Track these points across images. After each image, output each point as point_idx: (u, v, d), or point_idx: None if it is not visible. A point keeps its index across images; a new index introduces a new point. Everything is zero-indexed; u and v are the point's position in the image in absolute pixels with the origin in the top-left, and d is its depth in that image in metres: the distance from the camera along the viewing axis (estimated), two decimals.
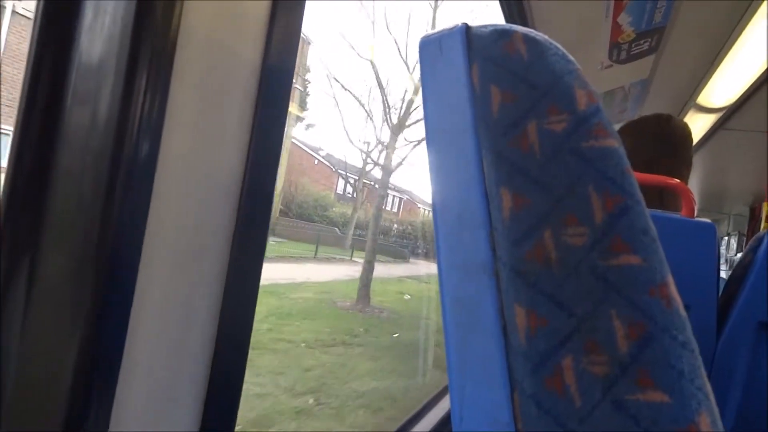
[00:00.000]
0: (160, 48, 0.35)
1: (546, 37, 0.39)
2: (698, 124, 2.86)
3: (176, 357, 0.38)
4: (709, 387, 0.32)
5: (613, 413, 0.31)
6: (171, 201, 0.37)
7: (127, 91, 0.33)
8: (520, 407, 0.33)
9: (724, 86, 2.32)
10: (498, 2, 1.41)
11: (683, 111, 2.75)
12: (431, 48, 0.42)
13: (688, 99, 2.59)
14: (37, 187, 0.33)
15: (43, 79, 0.34)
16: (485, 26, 0.41)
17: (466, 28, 0.41)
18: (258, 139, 0.45)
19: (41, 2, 0.35)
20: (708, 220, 1.31)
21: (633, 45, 1.96)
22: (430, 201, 0.40)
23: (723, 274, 1.39)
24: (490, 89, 0.38)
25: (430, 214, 0.40)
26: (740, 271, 1.33)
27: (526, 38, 0.39)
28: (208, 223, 0.41)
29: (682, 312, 0.33)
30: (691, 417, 0.30)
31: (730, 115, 2.64)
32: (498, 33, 0.39)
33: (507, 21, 1.52)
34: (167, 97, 0.36)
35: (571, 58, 0.38)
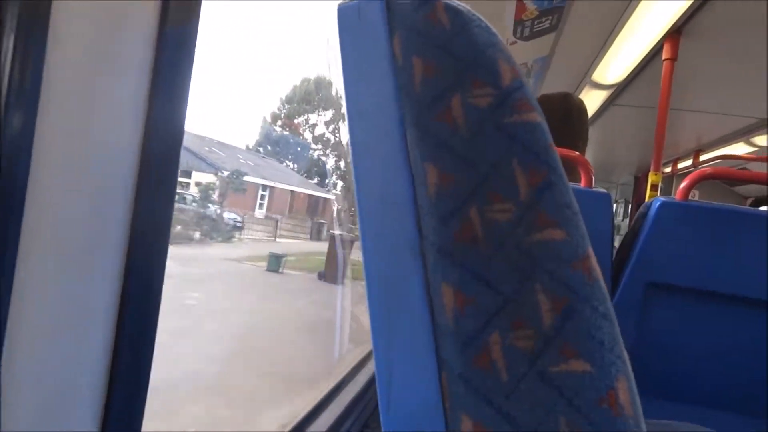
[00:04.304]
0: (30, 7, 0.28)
1: (468, 8, 0.38)
2: (592, 101, 3.05)
3: (69, 355, 0.34)
4: (625, 354, 0.33)
5: (539, 385, 0.32)
6: (53, 183, 0.31)
7: None
8: (448, 386, 0.33)
9: (616, 64, 2.48)
10: None
11: (579, 87, 2.92)
12: (350, 15, 0.40)
13: (584, 76, 2.75)
14: None
15: None
16: None
17: None
18: (158, 109, 0.39)
19: None
20: (604, 190, 1.41)
21: (536, 22, 2.03)
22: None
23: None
24: (413, 61, 0.37)
25: None
26: (630, 237, 1.45)
27: (448, 8, 0.37)
28: (101, 209, 0.36)
29: (602, 284, 0.34)
30: (610, 383, 0.32)
31: (620, 91, 2.83)
32: (419, 1, 0.38)
33: None
34: (43, 63, 0.30)
35: (494, 30, 0.38)
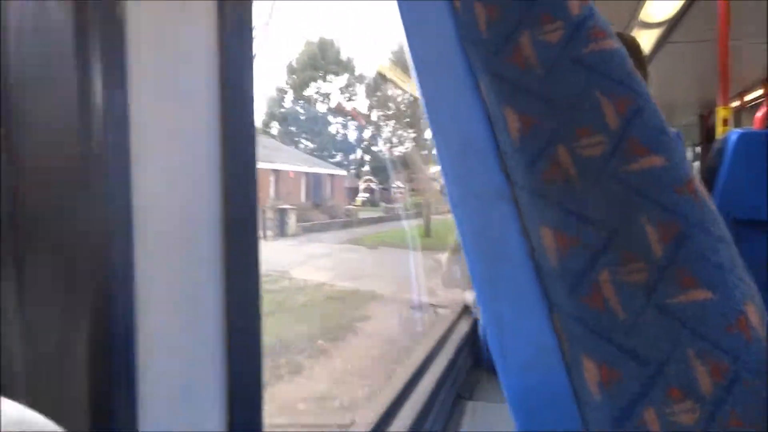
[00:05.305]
0: (108, 33, 0.27)
1: None
2: (643, 42, 2.89)
3: (191, 354, 0.32)
4: (748, 276, 0.31)
5: (658, 319, 0.30)
6: (152, 191, 0.30)
7: (83, 80, 0.25)
8: (563, 330, 0.32)
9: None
10: None
11: (627, 29, 2.77)
12: None
13: (632, 17, 2.61)
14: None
15: None
16: None
17: None
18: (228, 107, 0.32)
19: None
20: (674, 129, 1.34)
21: None
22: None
23: None
24: (474, 7, 0.36)
25: None
26: (708, 175, 1.36)
27: None
28: (195, 210, 0.32)
29: (712, 205, 0.32)
30: (739, 308, 0.30)
31: (672, 28, 2.67)
32: None
33: None
34: (126, 82, 0.28)
35: None
